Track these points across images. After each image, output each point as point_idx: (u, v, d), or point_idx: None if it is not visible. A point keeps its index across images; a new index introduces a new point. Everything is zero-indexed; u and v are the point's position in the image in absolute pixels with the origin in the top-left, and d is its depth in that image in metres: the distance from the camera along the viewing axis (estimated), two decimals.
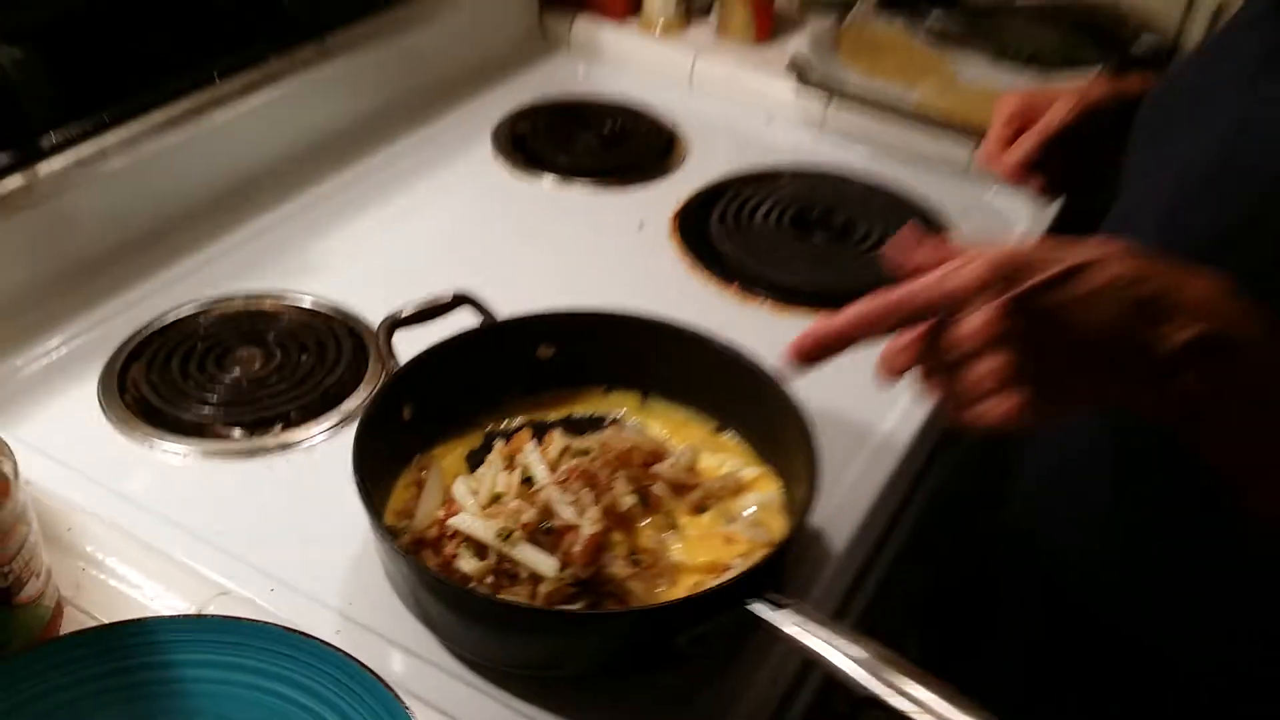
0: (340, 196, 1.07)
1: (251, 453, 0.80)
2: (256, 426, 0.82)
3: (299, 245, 1.00)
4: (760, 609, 0.63)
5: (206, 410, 0.83)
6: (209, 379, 0.85)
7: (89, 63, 0.83)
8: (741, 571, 0.66)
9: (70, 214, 0.88)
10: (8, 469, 0.58)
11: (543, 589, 0.66)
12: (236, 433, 0.82)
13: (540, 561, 0.67)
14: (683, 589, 0.69)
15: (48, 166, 0.82)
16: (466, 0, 1.16)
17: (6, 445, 0.59)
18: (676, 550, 0.72)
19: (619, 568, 0.69)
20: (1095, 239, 0.57)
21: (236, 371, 0.86)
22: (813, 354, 0.59)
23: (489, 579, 0.67)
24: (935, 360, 0.56)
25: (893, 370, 0.58)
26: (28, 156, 0.80)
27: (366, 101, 1.15)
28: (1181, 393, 0.55)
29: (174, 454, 0.79)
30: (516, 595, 0.67)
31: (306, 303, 0.93)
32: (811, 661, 0.60)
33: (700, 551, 0.72)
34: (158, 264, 0.94)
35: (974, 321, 0.53)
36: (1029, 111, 0.97)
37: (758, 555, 0.70)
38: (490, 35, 1.29)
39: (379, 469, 0.73)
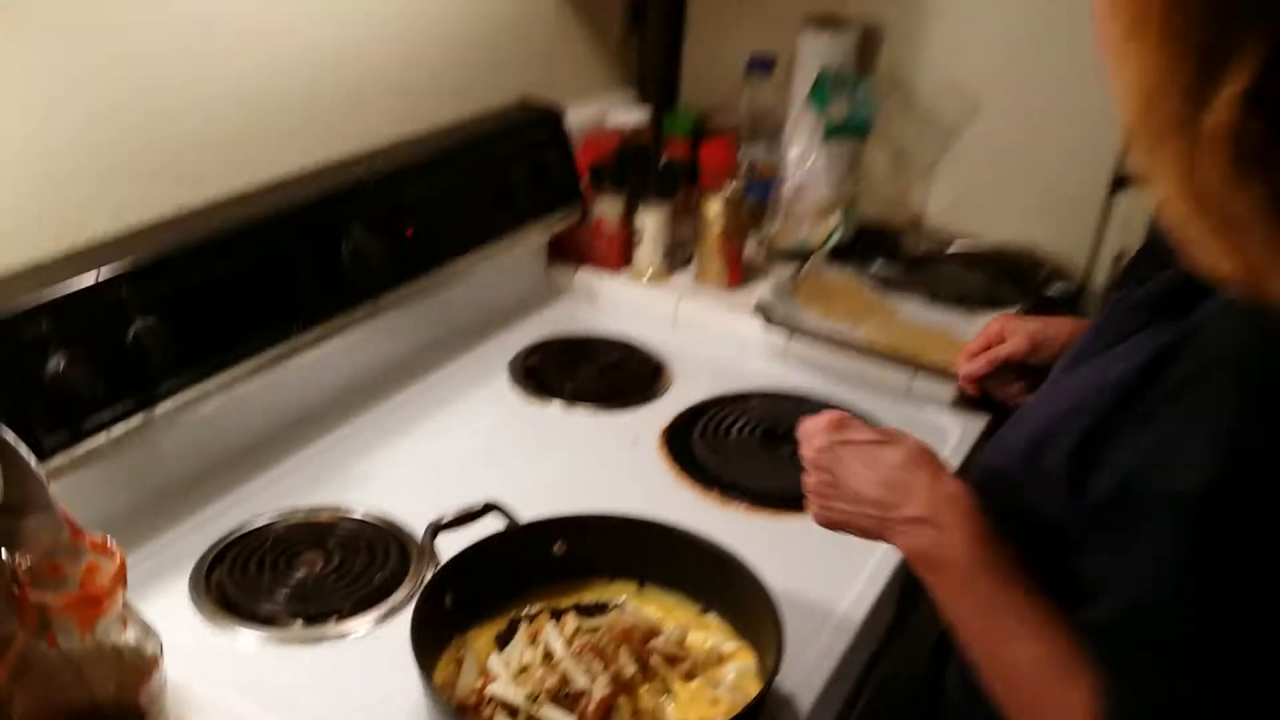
0: (384, 422, 1.26)
1: (315, 640, 0.96)
2: (316, 618, 0.98)
3: (351, 464, 1.19)
4: None
5: (276, 605, 0.99)
6: (278, 578, 1.02)
7: (200, 325, 1.04)
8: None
9: (171, 445, 1.07)
10: (155, 647, 0.75)
11: None
12: (299, 623, 0.98)
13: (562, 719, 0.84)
14: None
15: (161, 409, 1.02)
16: (488, 261, 1.39)
17: (152, 628, 0.77)
18: (671, 711, 0.88)
19: None
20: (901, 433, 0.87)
21: (302, 572, 1.03)
22: None
23: None
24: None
25: None
26: (147, 402, 1.00)
27: (406, 344, 1.37)
28: (905, 552, 0.82)
29: (249, 640, 0.96)
30: None
31: (358, 513, 1.11)
32: None
33: (691, 712, 0.88)
34: (237, 482, 1.13)
35: (806, 451, 0.88)
36: (1001, 335, 1.14)
37: (737, 711, 0.86)
38: (507, 287, 1.51)
39: (427, 648, 0.89)
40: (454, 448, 1.24)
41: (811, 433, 0.89)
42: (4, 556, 0.70)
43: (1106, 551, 0.71)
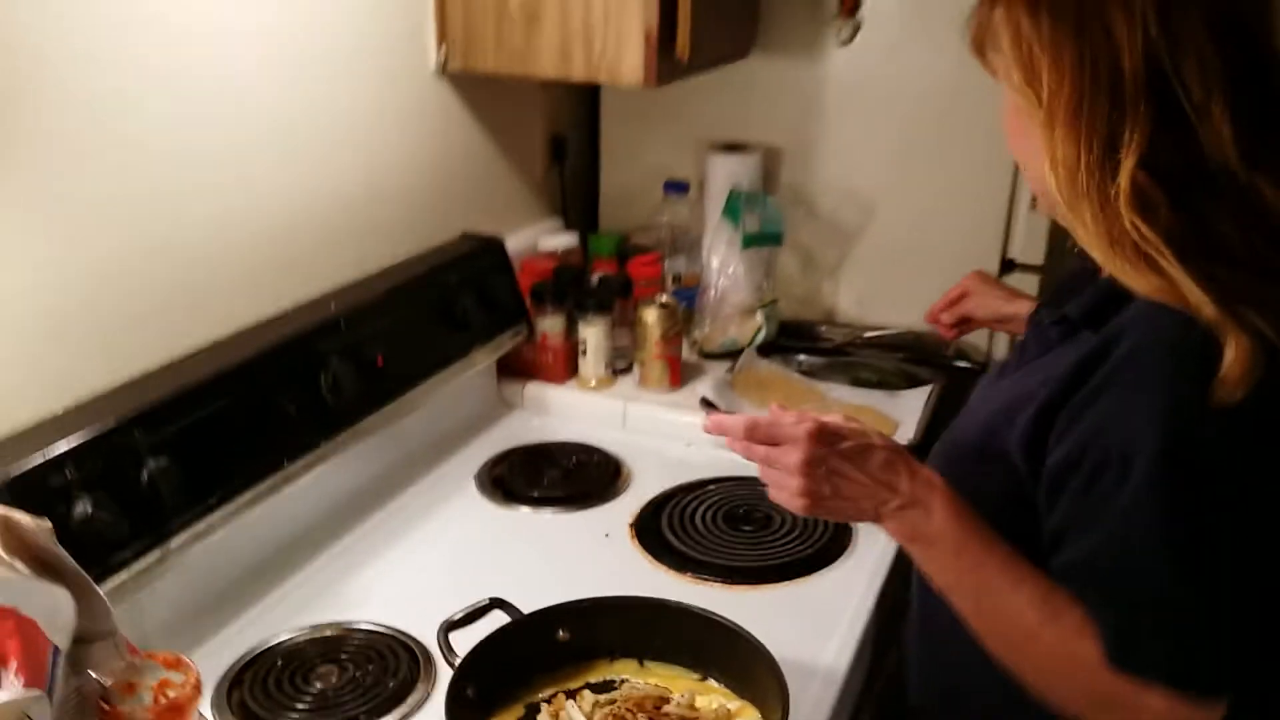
0: (370, 539, 1.33)
1: None
2: None
3: (348, 580, 1.25)
4: None
5: (298, 716, 1.05)
6: (298, 693, 1.07)
7: (204, 461, 1.11)
8: None
9: (182, 575, 1.12)
10: (194, 678, 0.81)
11: None
12: None
13: None
14: None
15: (175, 542, 1.07)
16: (448, 382, 1.49)
17: (191, 665, 0.82)
18: None
19: None
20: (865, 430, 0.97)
21: (319, 685, 1.09)
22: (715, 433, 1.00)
23: None
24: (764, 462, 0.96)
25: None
26: (163, 536, 1.06)
27: (381, 465, 1.44)
28: (898, 536, 0.95)
29: None
30: None
31: (363, 624, 1.17)
32: None
33: None
34: (244, 607, 1.19)
35: (790, 457, 0.93)
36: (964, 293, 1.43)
37: None
38: (465, 405, 1.60)
39: None
40: (438, 556, 1.32)
41: (793, 439, 0.94)
42: (93, 677, 0.75)
43: (1069, 506, 0.87)
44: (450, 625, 1.07)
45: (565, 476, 1.49)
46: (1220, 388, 0.79)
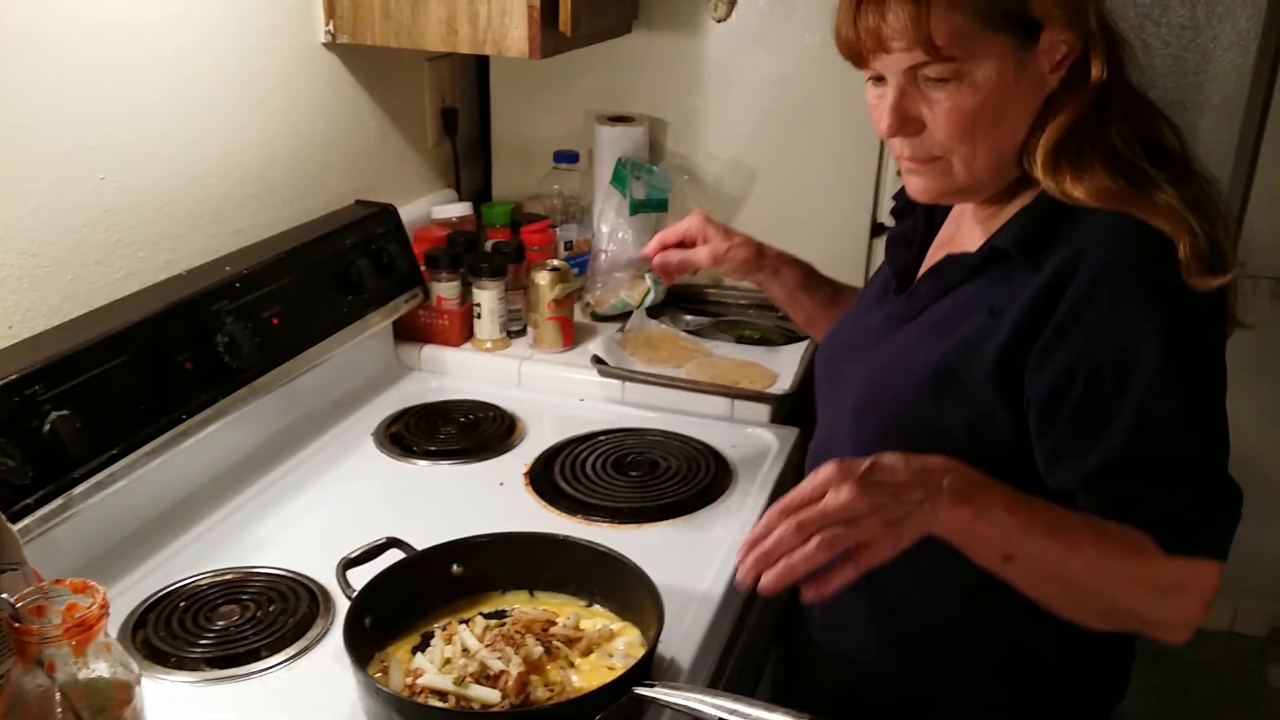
0: (268, 494, 1.38)
1: (243, 677, 1.07)
2: (242, 659, 1.09)
3: (248, 531, 1.30)
4: (642, 690, 0.97)
5: (202, 651, 1.09)
6: (200, 630, 1.12)
7: (104, 415, 1.15)
8: (625, 670, 1.00)
9: (87, 523, 1.16)
10: (131, 675, 0.86)
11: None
12: (225, 666, 1.08)
13: (488, 694, 0.99)
14: None
15: (77, 490, 1.11)
16: (344, 344, 1.54)
17: (127, 657, 0.87)
18: (576, 680, 1.04)
19: (540, 694, 1.01)
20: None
21: (221, 623, 1.13)
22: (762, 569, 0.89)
23: None
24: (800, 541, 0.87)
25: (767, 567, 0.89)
26: (66, 486, 1.10)
27: (279, 423, 1.49)
28: (953, 507, 0.89)
29: (181, 686, 1.05)
30: None
31: (265, 570, 1.22)
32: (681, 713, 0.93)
33: (593, 679, 1.04)
34: (146, 555, 1.23)
35: (836, 499, 0.86)
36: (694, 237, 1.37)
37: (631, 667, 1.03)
38: (360, 368, 1.65)
39: (358, 659, 1.02)
40: (337, 506, 1.37)
41: (830, 481, 0.88)
42: (4, 598, 0.80)
43: (1072, 420, 0.94)
44: (348, 563, 1.13)
45: (461, 431, 1.56)
46: (1189, 277, 0.91)
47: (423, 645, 1.10)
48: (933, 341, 1.04)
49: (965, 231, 1.11)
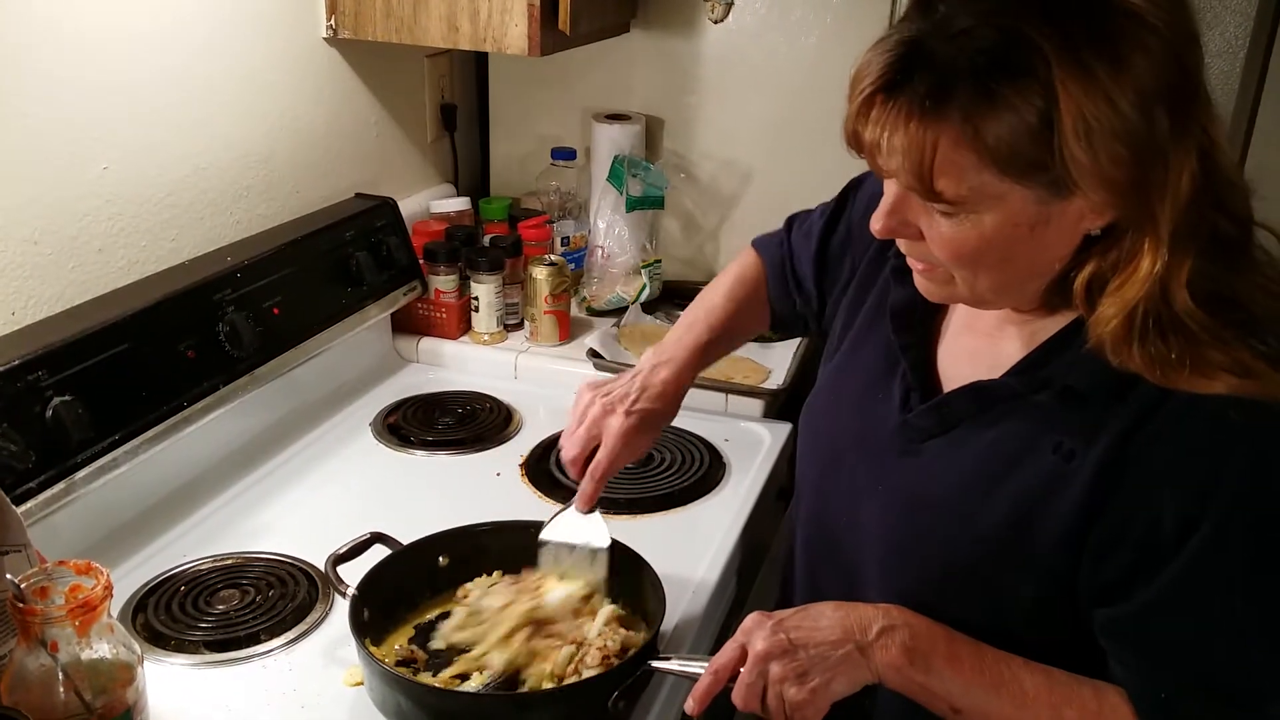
0: (268, 481, 1.39)
1: (242, 660, 1.09)
2: (241, 642, 1.10)
3: (247, 518, 1.31)
4: (655, 664, 0.99)
5: (202, 634, 1.11)
6: (200, 614, 1.13)
7: (107, 401, 1.16)
8: (637, 650, 1.01)
9: (89, 508, 1.17)
10: (133, 656, 0.88)
11: None
12: (225, 649, 1.09)
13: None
14: None
15: (79, 474, 1.13)
16: (343, 335, 1.55)
17: (130, 639, 0.88)
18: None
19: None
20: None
21: (221, 607, 1.15)
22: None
23: None
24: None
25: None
26: (68, 470, 1.11)
27: (279, 412, 1.50)
28: (891, 664, 0.88)
29: (182, 669, 1.07)
30: None
31: (264, 555, 1.24)
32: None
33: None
34: (147, 540, 1.25)
35: (755, 647, 0.88)
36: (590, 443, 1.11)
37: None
38: (359, 359, 1.67)
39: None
40: (336, 496, 1.39)
41: (749, 631, 0.91)
42: (8, 578, 0.81)
43: (1121, 565, 0.84)
44: (337, 558, 1.13)
45: (458, 422, 1.57)
46: None
47: (418, 637, 1.11)
48: (983, 480, 0.90)
49: (993, 325, 0.95)
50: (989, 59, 0.74)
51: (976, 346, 0.97)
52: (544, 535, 1.12)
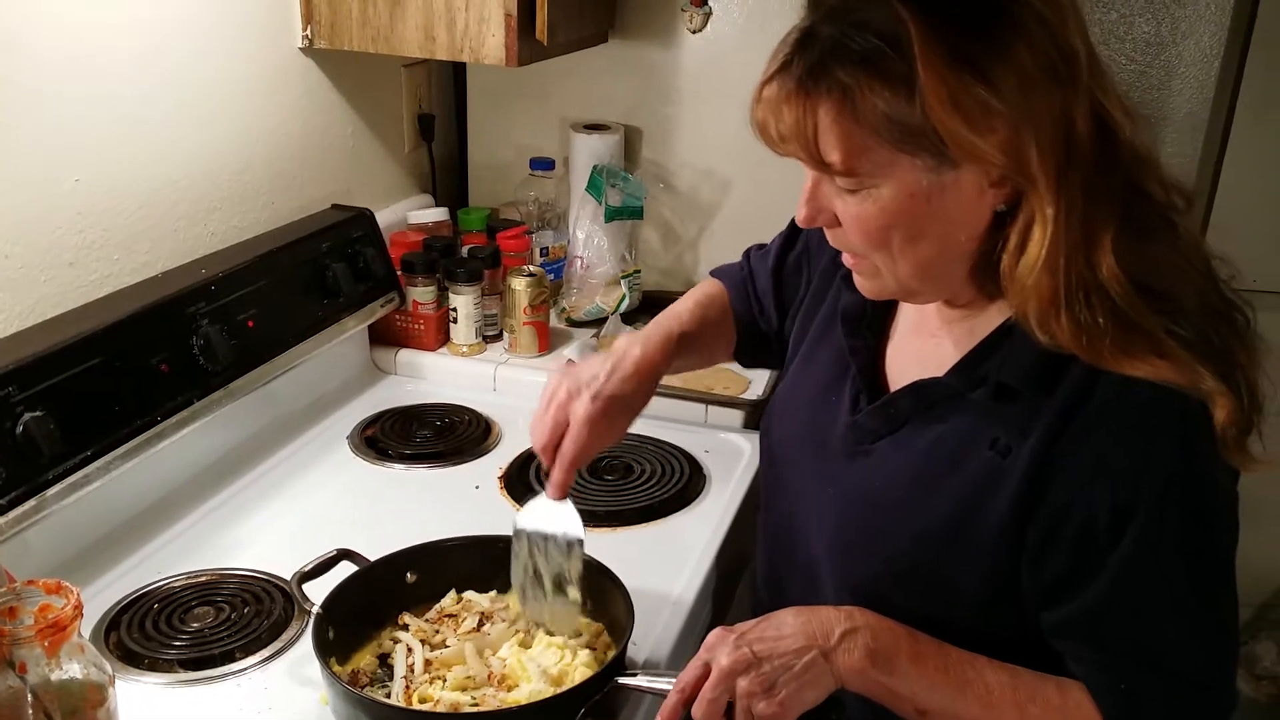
0: (244, 496, 1.38)
1: (217, 678, 1.07)
2: (216, 660, 1.09)
3: (223, 533, 1.30)
4: (624, 680, 0.98)
5: (176, 653, 1.09)
6: (174, 631, 1.12)
7: (79, 416, 1.14)
8: (606, 664, 1.01)
9: (61, 525, 1.16)
10: (104, 676, 0.86)
11: None
12: (199, 667, 1.08)
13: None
14: None
15: (50, 491, 1.11)
16: (320, 347, 1.54)
17: (101, 659, 0.87)
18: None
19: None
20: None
21: (195, 625, 1.14)
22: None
23: None
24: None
25: None
26: (39, 487, 1.09)
27: (255, 425, 1.49)
28: (854, 667, 0.88)
29: (154, 688, 1.05)
30: None
31: (239, 571, 1.22)
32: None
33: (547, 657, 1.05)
34: (121, 556, 1.23)
35: (720, 662, 0.88)
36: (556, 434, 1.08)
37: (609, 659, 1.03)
38: (336, 372, 1.65)
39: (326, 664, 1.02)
40: (312, 512, 1.37)
41: (712, 647, 0.91)
42: None
43: (1063, 560, 0.85)
44: (303, 576, 1.11)
45: (437, 435, 1.56)
46: (1221, 447, 0.81)
47: (384, 659, 1.09)
48: (926, 478, 0.93)
49: (936, 325, 0.98)
50: (860, 34, 0.80)
51: (923, 347, 0.99)
52: (519, 524, 1.09)
